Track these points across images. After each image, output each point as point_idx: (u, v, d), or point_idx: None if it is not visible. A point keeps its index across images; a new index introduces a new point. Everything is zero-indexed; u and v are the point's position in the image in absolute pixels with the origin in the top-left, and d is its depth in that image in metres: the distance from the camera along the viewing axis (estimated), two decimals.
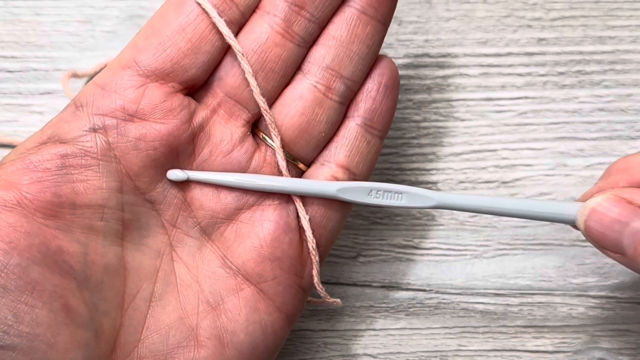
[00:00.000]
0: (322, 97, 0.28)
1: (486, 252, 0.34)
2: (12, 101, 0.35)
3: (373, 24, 0.28)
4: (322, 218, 0.28)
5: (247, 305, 0.27)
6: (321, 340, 0.33)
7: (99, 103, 0.26)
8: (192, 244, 0.28)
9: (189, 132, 0.27)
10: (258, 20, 0.27)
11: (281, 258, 0.28)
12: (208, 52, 0.27)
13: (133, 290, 0.26)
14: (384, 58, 0.29)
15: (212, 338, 0.27)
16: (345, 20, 0.28)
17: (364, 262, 0.34)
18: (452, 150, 0.35)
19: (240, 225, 0.28)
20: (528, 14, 0.36)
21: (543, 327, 0.33)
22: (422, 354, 0.33)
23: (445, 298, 0.34)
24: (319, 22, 0.28)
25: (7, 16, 0.36)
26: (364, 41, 0.28)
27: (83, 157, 0.25)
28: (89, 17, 0.36)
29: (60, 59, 0.35)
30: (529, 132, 0.35)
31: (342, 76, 0.28)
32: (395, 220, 0.34)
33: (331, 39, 0.28)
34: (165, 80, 0.26)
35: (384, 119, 0.29)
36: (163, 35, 0.26)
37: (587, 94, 0.35)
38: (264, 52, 0.27)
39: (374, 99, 0.29)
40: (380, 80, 0.29)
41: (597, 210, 0.24)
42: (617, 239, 0.24)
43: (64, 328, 0.23)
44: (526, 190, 0.34)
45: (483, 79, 0.35)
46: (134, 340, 0.26)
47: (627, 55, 0.36)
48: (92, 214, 0.25)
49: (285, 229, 0.28)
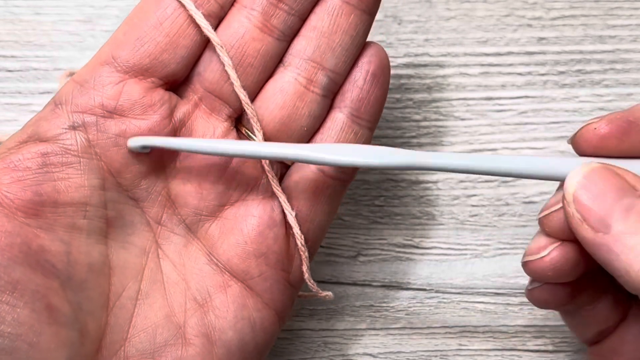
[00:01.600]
0: (303, 90, 0.27)
1: (486, 252, 0.34)
2: (12, 100, 0.35)
3: (357, 14, 0.27)
4: (308, 212, 0.28)
5: (234, 302, 0.27)
6: (321, 340, 0.33)
7: (78, 100, 0.26)
8: (178, 241, 0.27)
9: (170, 127, 0.26)
10: (236, 15, 0.27)
11: (266, 254, 0.27)
12: (187, 46, 0.26)
13: (119, 288, 0.26)
14: (372, 45, 0.29)
15: (200, 336, 0.26)
16: (327, 10, 0.27)
17: (364, 262, 0.34)
18: (452, 149, 0.35)
19: (225, 222, 0.27)
20: (528, 13, 0.36)
21: (544, 327, 0.33)
22: (422, 354, 0.33)
23: (446, 297, 0.34)
24: (299, 14, 0.27)
25: (7, 15, 0.36)
26: (347, 31, 0.27)
27: (64, 155, 0.25)
28: (89, 16, 0.36)
29: (60, 59, 0.35)
30: (529, 131, 0.35)
31: (325, 68, 0.27)
32: (396, 220, 0.34)
33: (312, 30, 0.27)
34: (144, 75, 0.26)
35: (373, 109, 0.28)
36: (141, 30, 0.26)
37: (588, 93, 0.35)
38: (242, 47, 0.27)
39: (360, 88, 0.28)
40: (368, 68, 0.28)
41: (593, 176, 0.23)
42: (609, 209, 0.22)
43: (47, 328, 0.23)
44: (526, 190, 0.34)
45: (483, 78, 0.35)
46: (121, 339, 0.26)
47: (628, 55, 0.36)
48: (75, 212, 0.25)
49: (269, 223, 0.27)
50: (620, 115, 0.24)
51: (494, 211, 0.34)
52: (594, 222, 0.23)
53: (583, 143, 0.25)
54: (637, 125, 0.24)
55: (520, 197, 0.34)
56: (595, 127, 0.24)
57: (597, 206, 0.23)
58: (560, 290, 0.26)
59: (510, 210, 0.34)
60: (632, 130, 0.24)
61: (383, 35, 0.35)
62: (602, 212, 0.22)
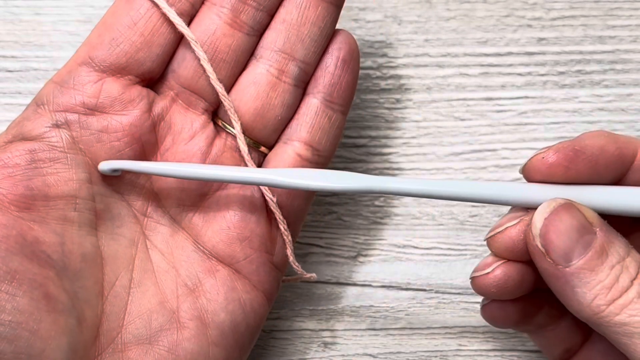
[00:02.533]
0: (275, 80, 0.29)
1: (486, 252, 0.34)
2: (12, 101, 0.35)
3: (324, 6, 0.29)
4: (287, 197, 0.29)
5: (224, 285, 0.28)
6: (321, 340, 0.33)
7: (59, 100, 0.27)
8: (165, 231, 0.28)
9: (150, 121, 0.27)
10: (207, 12, 0.28)
11: (250, 237, 0.28)
12: (161, 44, 0.27)
13: (112, 278, 0.27)
14: (341, 32, 0.30)
15: (194, 319, 0.27)
16: (295, 4, 0.28)
17: (364, 262, 0.34)
18: (452, 150, 0.35)
19: (207, 210, 0.28)
20: (528, 13, 0.36)
21: None
22: (422, 354, 0.33)
23: (445, 298, 0.34)
24: (267, 10, 0.28)
25: (7, 16, 0.36)
26: (315, 23, 0.29)
27: (51, 151, 0.26)
28: (89, 16, 0.36)
29: (60, 59, 0.35)
30: (529, 131, 0.35)
31: (295, 59, 0.29)
32: (395, 220, 0.34)
33: (282, 23, 0.28)
34: (121, 74, 0.27)
35: (345, 93, 0.29)
36: (115, 30, 0.27)
37: (587, 93, 0.35)
38: (214, 43, 0.28)
39: (332, 74, 0.29)
40: (338, 54, 0.29)
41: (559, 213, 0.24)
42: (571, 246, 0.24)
43: (46, 315, 0.24)
44: None
45: (483, 78, 0.35)
46: (117, 327, 0.26)
47: (628, 55, 0.36)
48: (65, 205, 0.26)
49: (250, 208, 0.28)
50: (567, 144, 0.25)
51: (494, 211, 0.34)
52: (556, 256, 0.24)
53: (533, 172, 0.26)
54: (582, 153, 0.25)
55: None
56: (543, 156, 0.26)
57: (562, 242, 0.24)
58: (510, 307, 0.27)
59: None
60: (578, 158, 0.25)
61: (383, 36, 0.35)
62: (565, 248, 0.24)
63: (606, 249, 0.24)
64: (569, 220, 0.24)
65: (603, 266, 0.24)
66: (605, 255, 0.24)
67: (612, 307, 0.23)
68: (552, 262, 0.24)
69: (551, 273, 0.24)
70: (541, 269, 0.25)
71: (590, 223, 0.24)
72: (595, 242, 0.24)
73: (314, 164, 0.29)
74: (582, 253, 0.24)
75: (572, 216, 0.24)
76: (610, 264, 0.24)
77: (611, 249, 0.24)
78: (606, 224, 0.25)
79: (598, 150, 0.25)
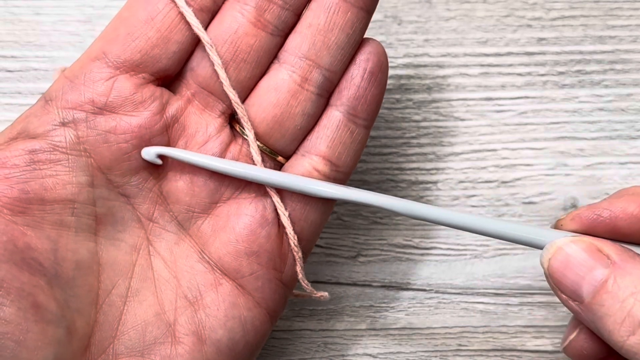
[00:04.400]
0: (297, 88, 0.27)
1: (486, 252, 0.34)
2: (12, 101, 0.35)
3: (354, 11, 0.27)
4: (302, 211, 0.28)
5: (226, 301, 0.27)
6: (321, 340, 0.33)
7: (68, 96, 0.26)
8: (170, 238, 0.27)
9: (161, 123, 0.26)
10: (229, 9, 0.27)
11: (258, 253, 0.27)
12: (179, 42, 0.26)
13: (108, 286, 0.26)
14: (370, 41, 0.28)
15: (190, 334, 0.26)
16: (323, 7, 0.27)
17: (364, 262, 0.34)
18: (452, 150, 0.35)
19: (217, 220, 0.27)
20: (528, 13, 0.36)
21: (543, 327, 0.33)
22: (422, 354, 0.33)
23: (445, 298, 0.34)
24: (294, 9, 0.27)
25: (6, 16, 0.36)
26: (344, 29, 0.27)
27: (52, 152, 0.25)
28: (89, 16, 0.36)
29: (60, 59, 0.35)
30: (529, 131, 0.35)
31: (320, 66, 0.27)
32: (395, 220, 0.34)
33: (308, 27, 0.27)
34: (135, 71, 0.26)
35: (369, 107, 0.28)
36: (131, 25, 0.26)
37: (587, 93, 0.35)
38: (235, 42, 0.26)
39: (357, 86, 0.27)
40: (365, 66, 0.27)
41: (564, 250, 0.24)
42: (579, 283, 0.24)
43: (34, 325, 0.23)
44: (526, 190, 0.34)
45: (483, 78, 0.35)
46: (109, 337, 0.26)
47: (628, 55, 0.36)
48: (62, 210, 0.25)
49: (261, 222, 0.27)
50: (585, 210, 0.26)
51: (494, 211, 0.34)
52: (568, 293, 0.24)
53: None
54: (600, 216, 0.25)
55: (520, 198, 0.34)
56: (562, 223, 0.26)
57: (567, 281, 0.24)
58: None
59: (510, 210, 0.34)
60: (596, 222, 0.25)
61: (383, 36, 0.35)
62: (572, 286, 0.24)
63: (618, 281, 0.23)
64: (575, 256, 0.24)
65: (613, 300, 0.23)
66: (617, 288, 0.23)
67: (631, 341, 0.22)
68: (567, 298, 0.24)
69: (570, 307, 0.24)
70: (562, 302, 0.24)
71: (605, 255, 0.24)
72: (606, 276, 0.23)
73: (332, 179, 0.28)
74: (590, 288, 0.23)
75: (578, 252, 0.24)
76: (621, 298, 0.23)
77: (625, 281, 0.23)
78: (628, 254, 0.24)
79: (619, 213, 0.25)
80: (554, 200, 0.34)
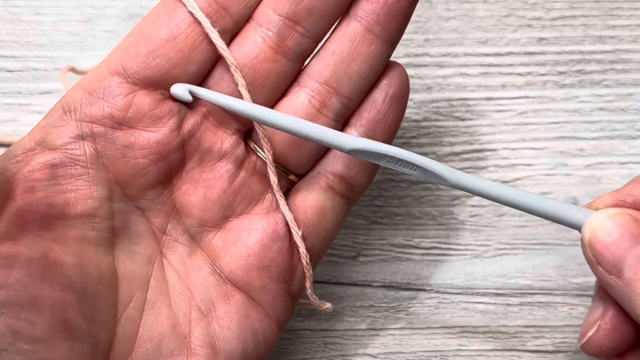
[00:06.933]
0: (315, 113, 0.27)
1: (486, 252, 0.34)
2: (12, 101, 0.35)
3: (378, 43, 0.27)
4: (314, 228, 0.28)
5: (238, 312, 0.27)
6: (321, 340, 0.33)
7: (87, 109, 0.25)
8: (182, 250, 0.27)
9: (179, 139, 0.26)
10: (251, 33, 0.26)
11: (269, 267, 0.27)
12: (199, 62, 0.26)
13: (126, 299, 0.26)
14: (395, 66, 0.28)
15: (205, 346, 0.26)
16: (348, 36, 0.27)
17: (364, 262, 0.34)
18: (452, 149, 0.35)
19: (228, 234, 0.27)
20: (528, 13, 0.36)
21: (543, 327, 0.33)
22: (422, 354, 0.33)
23: (446, 298, 0.34)
24: (314, 37, 0.27)
25: (6, 15, 0.36)
26: (367, 60, 0.27)
27: (73, 166, 0.25)
28: (89, 16, 0.36)
29: (60, 59, 0.35)
30: (529, 131, 0.35)
31: (340, 93, 0.27)
32: (396, 220, 0.34)
33: (331, 54, 0.27)
34: (154, 87, 0.26)
35: (388, 131, 0.28)
36: (153, 43, 0.26)
37: (588, 93, 0.35)
38: (256, 67, 0.26)
39: (378, 110, 0.28)
40: (388, 90, 0.28)
41: (609, 222, 0.24)
42: (621, 256, 0.23)
43: (63, 343, 0.23)
44: (527, 190, 0.34)
45: (483, 78, 0.35)
46: (128, 350, 0.25)
47: (628, 55, 0.36)
48: (84, 224, 0.25)
49: (273, 237, 0.27)
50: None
51: (494, 211, 0.34)
52: (608, 266, 0.23)
53: None
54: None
55: None
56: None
57: (610, 253, 0.23)
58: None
59: (510, 210, 0.34)
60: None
61: None
62: (614, 259, 0.23)
63: None
64: (620, 229, 0.23)
65: None
66: None
67: None
68: (605, 272, 0.23)
69: (606, 282, 0.24)
70: (597, 277, 0.24)
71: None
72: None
73: (345, 198, 0.28)
74: (633, 262, 0.23)
75: (623, 226, 0.24)
76: None
77: None
78: None
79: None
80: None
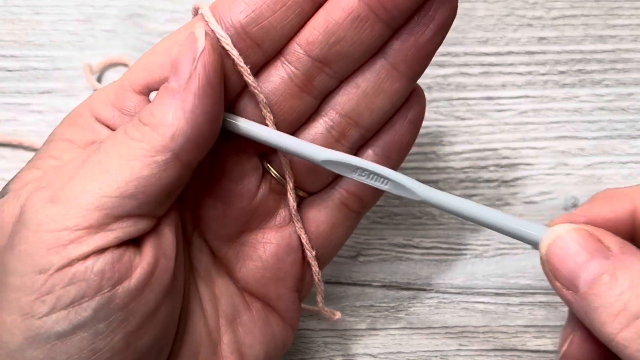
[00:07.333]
0: (334, 142, 0.27)
1: (487, 252, 0.34)
2: (12, 100, 0.35)
3: (403, 81, 0.27)
4: (325, 241, 0.28)
5: (260, 318, 0.28)
6: (321, 340, 0.33)
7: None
8: (206, 260, 0.28)
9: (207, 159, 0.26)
10: (278, 69, 0.26)
11: (284, 278, 0.28)
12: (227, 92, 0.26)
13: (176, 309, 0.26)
14: (416, 91, 0.28)
15: (234, 352, 0.27)
16: (374, 72, 0.27)
17: (364, 262, 0.34)
18: (452, 149, 0.35)
19: (242, 247, 0.28)
20: (529, 12, 0.36)
21: (544, 327, 0.33)
22: (422, 354, 0.33)
23: (446, 298, 0.34)
24: (341, 77, 0.27)
25: (6, 15, 0.36)
26: (390, 97, 0.27)
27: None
28: (89, 16, 0.36)
29: (59, 58, 0.35)
30: (530, 131, 0.35)
31: (359, 125, 0.27)
32: (396, 220, 0.34)
33: (355, 87, 0.27)
34: None
35: (402, 151, 0.28)
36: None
37: (588, 93, 0.35)
38: (281, 103, 0.26)
39: (396, 132, 0.28)
40: (407, 114, 0.28)
41: (565, 237, 0.24)
42: (577, 271, 0.23)
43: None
44: (527, 190, 0.34)
45: (484, 77, 0.35)
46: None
47: (628, 54, 0.36)
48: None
49: (287, 250, 0.28)
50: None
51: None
52: (564, 281, 0.24)
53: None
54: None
55: (521, 197, 0.34)
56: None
57: (565, 267, 0.24)
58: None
59: (510, 210, 0.34)
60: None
61: None
62: (570, 274, 0.23)
63: (617, 274, 0.23)
64: (575, 244, 0.24)
65: (611, 292, 0.23)
66: (615, 280, 0.23)
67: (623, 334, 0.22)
68: (562, 287, 0.24)
69: (563, 297, 0.24)
70: (556, 292, 0.24)
71: (605, 247, 0.23)
72: (605, 267, 0.23)
73: (356, 213, 0.29)
74: (588, 278, 0.23)
75: (578, 241, 0.24)
76: (619, 290, 0.22)
77: (624, 273, 0.23)
78: (629, 247, 0.23)
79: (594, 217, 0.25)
80: (554, 200, 0.34)
